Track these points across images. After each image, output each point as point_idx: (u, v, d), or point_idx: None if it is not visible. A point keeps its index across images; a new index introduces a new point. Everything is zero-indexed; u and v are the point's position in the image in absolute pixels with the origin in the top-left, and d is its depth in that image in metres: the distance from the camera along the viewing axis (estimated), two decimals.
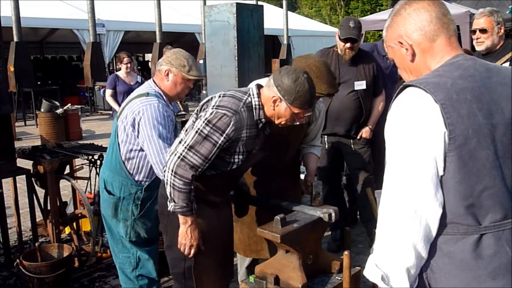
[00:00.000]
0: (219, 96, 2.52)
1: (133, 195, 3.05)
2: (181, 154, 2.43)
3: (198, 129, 2.42)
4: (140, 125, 2.90)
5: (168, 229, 2.73)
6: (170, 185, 2.45)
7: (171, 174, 2.43)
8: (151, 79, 3.14)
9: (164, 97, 3.04)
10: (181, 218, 2.55)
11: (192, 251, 2.62)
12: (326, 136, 4.42)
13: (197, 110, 2.66)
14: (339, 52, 4.25)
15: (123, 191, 3.05)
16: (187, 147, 2.43)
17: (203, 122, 2.42)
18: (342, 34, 4.11)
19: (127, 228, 3.09)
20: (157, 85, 3.06)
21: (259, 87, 2.61)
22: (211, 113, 2.43)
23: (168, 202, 2.52)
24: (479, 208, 1.41)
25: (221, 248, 2.80)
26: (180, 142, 2.52)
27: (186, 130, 2.61)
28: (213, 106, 2.46)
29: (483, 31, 3.86)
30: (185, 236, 2.59)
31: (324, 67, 2.92)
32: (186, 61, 3.01)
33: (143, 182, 3.06)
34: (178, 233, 2.62)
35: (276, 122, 2.58)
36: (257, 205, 3.18)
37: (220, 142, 2.42)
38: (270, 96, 2.50)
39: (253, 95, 2.55)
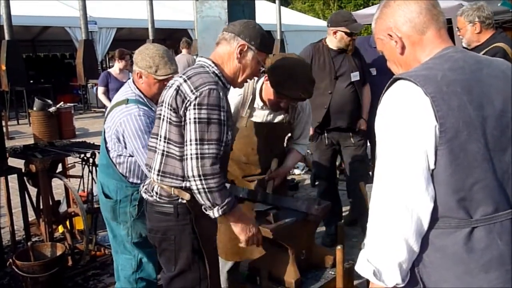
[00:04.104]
0: (185, 81, 2.23)
1: (130, 196, 2.98)
2: (196, 154, 2.16)
3: (195, 118, 2.15)
4: (125, 137, 2.87)
5: (179, 254, 2.38)
6: (206, 192, 2.16)
7: (201, 180, 2.15)
8: (131, 78, 3.05)
9: (145, 99, 2.97)
10: (232, 218, 2.31)
11: (260, 237, 2.45)
12: (326, 132, 4.43)
13: (167, 107, 2.30)
14: (332, 46, 4.28)
15: (119, 193, 2.99)
16: (197, 142, 2.16)
17: (195, 108, 2.16)
18: (351, 28, 4.13)
19: (128, 229, 3.03)
20: (136, 87, 2.99)
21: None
22: (196, 97, 2.16)
23: (209, 211, 2.23)
24: (470, 201, 1.40)
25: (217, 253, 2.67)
26: (165, 141, 2.29)
27: (160, 136, 2.33)
28: (192, 91, 2.18)
29: (459, 29, 3.99)
30: (247, 228, 2.36)
31: (302, 69, 2.89)
32: (152, 60, 2.86)
33: (138, 183, 2.98)
34: (188, 256, 2.36)
35: (240, 79, 2.41)
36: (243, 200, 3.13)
37: (222, 117, 2.20)
38: (235, 47, 2.33)
39: (210, 65, 2.34)
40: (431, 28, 1.54)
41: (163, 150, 2.31)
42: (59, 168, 4.56)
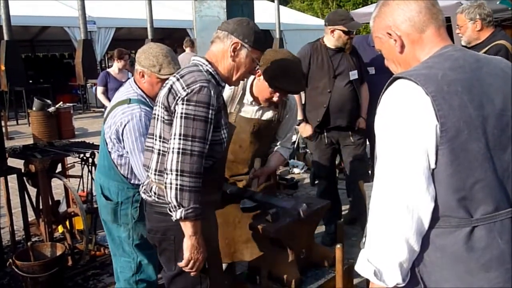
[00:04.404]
0: (178, 80, 2.23)
1: (131, 198, 2.95)
2: (179, 148, 2.12)
3: (182, 113, 2.14)
4: (124, 137, 2.83)
5: (179, 253, 2.29)
6: (177, 188, 2.11)
7: (177, 175, 2.11)
8: (133, 77, 3.01)
9: (147, 99, 2.93)
10: (189, 228, 2.17)
11: (200, 266, 2.27)
12: (325, 132, 4.43)
13: (162, 107, 2.28)
14: (330, 45, 4.29)
15: (120, 195, 2.96)
16: (181, 137, 2.13)
17: (183, 104, 2.15)
18: (349, 26, 4.15)
19: (129, 231, 2.99)
20: (138, 86, 2.94)
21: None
22: (187, 94, 2.15)
23: (172, 212, 2.15)
24: (471, 201, 1.40)
25: (219, 253, 2.61)
26: (160, 140, 2.29)
27: (157, 136, 2.32)
28: (183, 88, 2.18)
29: (459, 27, 4.01)
30: (196, 249, 2.22)
31: (294, 64, 2.90)
32: (156, 59, 2.84)
33: (139, 185, 2.87)
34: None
35: (235, 77, 2.39)
36: (231, 199, 3.10)
37: (210, 116, 2.17)
38: (228, 45, 2.32)
39: (203, 64, 2.33)
40: (431, 26, 1.53)
41: (159, 149, 2.31)
42: (59, 168, 4.56)
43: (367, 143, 4.79)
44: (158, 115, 2.31)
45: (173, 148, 2.13)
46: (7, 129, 10.78)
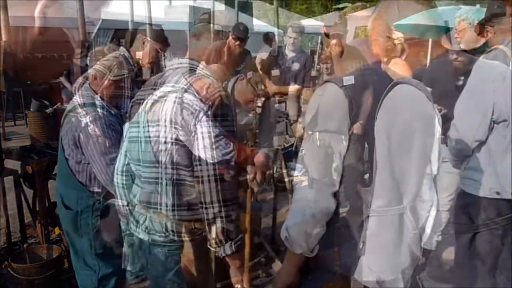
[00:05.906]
0: (186, 90, 1.91)
1: (91, 207, 2.89)
2: (215, 175, 1.86)
3: (210, 132, 1.85)
4: (81, 143, 2.78)
5: None
6: (222, 221, 1.86)
7: (219, 206, 1.85)
8: (88, 82, 2.95)
9: (102, 101, 2.87)
10: (238, 260, 1.98)
11: None
12: (317, 133, 4.43)
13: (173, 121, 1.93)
14: (325, 47, 4.27)
15: (80, 204, 2.90)
16: (215, 161, 1.86)
17: (208, 121, 1.85)
18: (327, 29, 4.13)
19: (91, 241, 2.92)
20: (93, 89, 2.89)
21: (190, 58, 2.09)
22: (208, 107, 1.86)
23: (218, 248, 1.90)
24: (474, 207, 1.39)
25: None
26: (173, 168, 1.94)
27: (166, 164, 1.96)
28: (201, 100, 1.87)
29: (457, 31, 4.02)
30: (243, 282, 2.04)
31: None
32: (106, 61, 2.86)
33: (99, 193, 2.88)
34: None
35: (228, 73, 2.18)
36: None
37: (234, 128, 1.96)
38: (226, 42, 2.07)
39: (198, 67, 2.03)
40: (432, 30, 1.52)
41: (173, 179, 1.96)
42: (56, 169, 4.53)
43: (366, 145, 4.78)
44: (164, 137, 1.94)
45: (208, 176, 1.86)
46: (4, 129, 10.74)
